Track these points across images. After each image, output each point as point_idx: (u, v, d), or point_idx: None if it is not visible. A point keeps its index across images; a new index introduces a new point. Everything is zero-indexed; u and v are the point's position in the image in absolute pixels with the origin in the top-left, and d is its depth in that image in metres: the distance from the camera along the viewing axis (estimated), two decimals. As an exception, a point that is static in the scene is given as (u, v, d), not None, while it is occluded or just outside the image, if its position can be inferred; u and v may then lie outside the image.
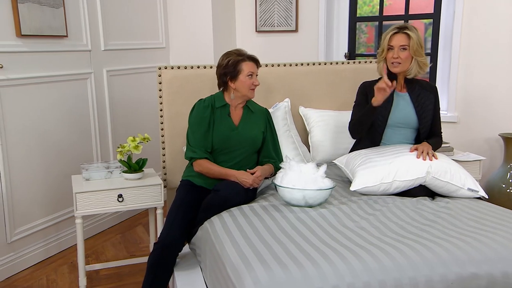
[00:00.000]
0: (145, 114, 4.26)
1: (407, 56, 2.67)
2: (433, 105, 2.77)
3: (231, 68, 2.59)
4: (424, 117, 2.73)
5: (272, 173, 2.66)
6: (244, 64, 2.59)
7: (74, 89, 3.57)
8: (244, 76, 2.58)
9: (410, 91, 2.78)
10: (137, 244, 3.64)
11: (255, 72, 2.61)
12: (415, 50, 2.65)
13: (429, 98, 2.77)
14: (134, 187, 2.78)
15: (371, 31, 5.72)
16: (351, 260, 1.67)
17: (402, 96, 2.78)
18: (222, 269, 1.82)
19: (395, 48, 2.67)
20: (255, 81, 2.61)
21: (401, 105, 2.75)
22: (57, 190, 3.48)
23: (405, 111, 2.74)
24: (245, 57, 2.60)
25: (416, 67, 2.70)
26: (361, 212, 2.17)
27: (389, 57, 2.70)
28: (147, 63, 4.27)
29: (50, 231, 3.44)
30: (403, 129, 2.76)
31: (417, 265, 1.68)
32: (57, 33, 3.39)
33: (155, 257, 2.38)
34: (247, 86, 2.59)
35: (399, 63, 2.67)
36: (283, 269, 1.64)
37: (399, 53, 2.66)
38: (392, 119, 2.74)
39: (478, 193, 2.43)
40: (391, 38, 2.68)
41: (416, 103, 2.75)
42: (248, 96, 2.63)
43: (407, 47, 2.66)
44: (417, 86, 2.79)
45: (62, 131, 3.48)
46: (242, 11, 4.72)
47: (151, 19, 4.31)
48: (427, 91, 2.78)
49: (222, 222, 2.17)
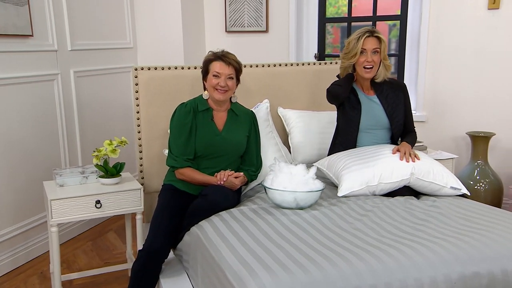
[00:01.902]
0: (114, 117, 4.13)
1: (378, 59, 2.69)
2: (402, 104, 2.78)
3: (204, 67, 2.59)
4: (395, 117, 2.75)
5: (244, 183, 2.60)
6: (213, 64, 2.54)
7: (40, 91, 3.41)
8: (211, 75, 2.54)
9: (379, 93, 2.79)
10: (110, 251, 3.51)
11: (223, 72, 2.51)
12: (385, 54, 2.70)
13: (398, 97, 2.78)
14: (113, 192, 2.68)
15: (336, 32, 5.79)
16: (356, 263, 1.66)
17: (371, 98, 2.79)
18: (221, 275, 1.77)
19: (368, 52, 2.66)
20: (220, 81, 2.51)
21: (370, 109, 2.76)
22: (25, 196, 3.32)
23: (375, 114, 2.75)
24: (216, 57, 2.55)
25: (383, 71, 2.74)
26: (353, 213, 2.17)
27: (361, 62, 2.68)
28: (114, 63, 4.14)
29: (17, 240, 3.27)
30: (376, 131, 2.78)
31: (421, 266, 1.68)
32: (22, 32, 3.23)
33: (140, 264, 2.30)
34: (211, 86, 2.54)
35: (371, 67, 2.68)
36: (288, 274, 1.61)
37: (372, 57, 2.66)
38: (364, 123, 2.75)
39: (460, 190, 2.47)
40: (364, 42, 2.65)
41: (385, 104, 2.75)
42: (213, 97, 2.55)
43: (378, 50, 2.67)
44: (385, 86, 2.80)
45: (28, 135, 3.32)
46: (211, 11, 4.66)
47: (118, 18, 4.19)
48: (395, 89, 2.80)
49: (214, 226, 2.11)
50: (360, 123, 2.74)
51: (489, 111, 4.00)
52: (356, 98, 2.76)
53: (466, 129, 4.02)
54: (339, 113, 2.86)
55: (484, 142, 3.81)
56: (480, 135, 3.82)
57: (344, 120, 2.81)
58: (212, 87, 2.53)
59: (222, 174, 2.45)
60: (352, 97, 2.77)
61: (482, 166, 3.82)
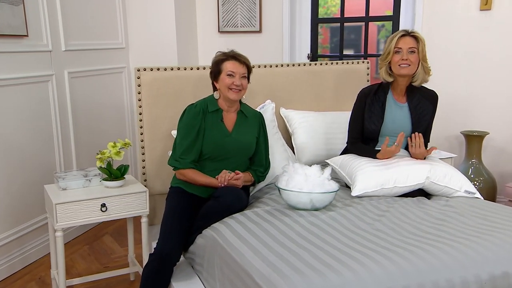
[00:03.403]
0: (107, 118, 4.06)
1: (416, 59, 2.56)
2: (429, 115, 2.71)
3: (215, 67, 2.54)
4: (419, 126, 2.67)
5: (249, 182, 2.58)
6: (226, 63, 2.50)
7: (35, 93, 3.32)
8: (224, 75, 2.49)
9: (410, 101, 2.68)
10: (108, 255, 3.45)
11: (237, 72, 2.48)
12: (424, 55, 2.58)
13: (427, 108, 2.69)
14: (118, 195, 2.63)
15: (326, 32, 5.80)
16: (386, 264, 1.66)
17: (401, 107, 2.69)
18: (247, 279, 1.74)
19: (403, 51, 2.56)
20: (235, 80, 2.48)
21: (397, 117, 2.67)
22: (20, 201, 3.23)
23: (401, 122, 2.67)
24: (229, 56, 2.52)
25: (422, 73, 2.61)
26: (370, 214, 2.17)
27: (395, 60, 2.57)
28: (106, 64, 4.06)
29: (13, 246, 3.18)
30: (396, 138, 2.68)
31: (451, 266, 1.69)
32: (17, 32, 3.15)
33: (153, 268, 2.27)
34: (225, 85, 2.49)
35: (408, 65, 2.56)
36: (320, 276, 1.60)
37: (408, 56, 2.55)
38: (385, 129, 2.68)
39: (474, 195, 2.48)
40: (398, 41, 2.57)
41: (414, 113, 2.66)
42: (228, 97, 2.50)
43: (415, 49, 2.56)
44: (418, 94, 2.69)
45: (23, 138, 3.23)
46: (203, 11, 4.62)
47: (110, 18, 4.11)
48: (427, 100, 2.69)
49: (231, 229, 2.09)
50: (381, 129, 2.67)
51: (481, 111, 4.07)
52: (382, 108, 2.67)
53: (459, 128, 4.08)
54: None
55: (478, 141, 3.88)
56: (474, 134, 3.88)
57: (363, 128, 2.73)
58: (226, 87, 2.49)
59: (223, 177, 2.41)
60: (377, 108, 2.67)
61: (476, 165, 3.88)
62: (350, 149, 2.74)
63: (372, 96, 2.67)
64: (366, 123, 2.68)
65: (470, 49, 4.04)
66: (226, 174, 2.40)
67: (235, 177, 2.41)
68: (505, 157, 4.07)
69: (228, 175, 2.39)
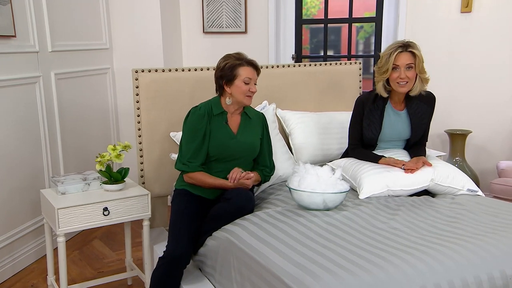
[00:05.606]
0: (94, 120, 3.98)
1: (413, 74, 2.57)
2: (428, 118, 2.74)
3: (228, 72, 2.46)
4: (418, 131, 2.71)
5: (257, 182, 2.58)
6: (241, 69, 2.45)
7: (22, 95, 3.23)
8: (240, 81, 2.44)
9: (408, 108, 2.70)
10: (101, 260, 3.38)
11: (253, 78, 2.47)
12: (421, 68, 2.58)
13: (425, 112, 2.71)
14: (120, 199, 2.58)
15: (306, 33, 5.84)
16: (414, 263, 1.69)
17: (399, 114, 2.71)
18: (272, 279, 1.74)
19: (401, 68, 2.55)
20: (252, 87, 2.46)
21: (395, 123, 2.70)
22: (9, 206, 3.13)
23: (399, 129, 2.71)
24: (243, 62, 2.47)
25: (419, 84, 2.62)
26: (382, 213, 2.21)
27: (394, 77, 2.57)
28: (91, 65, 3.97)
29: (2, 253, 3.08)
30: (394, 142, 2.77)
31: (477, 263, 1.73)
32: (5, 32, 3.05)
33: (164, 272, 2.25)
34: (242, 92, 2.45)
35: (406, 82, 2.57)
36: (352, 275, 1.61)
37: (406, 73, 2.55)
38: (384, 136, 2.72)
39: (477, 193, 2.54)
40: (396, 58, 2.54)
41: (413, 118, 2.69)
42: (243, 102, 2.49)
43: (413, 65, 2.56)
44: (416, 100, 2.70)
45: (10, 142, 3.13)
46: (187, 11, 4.57)
47: (94, 18, 4.03)
48: (425, 103, 2.71)
49: (247, 230, 2.08)
50: (380, 135, 2.70)
51: (463, 110, 4.19)
52: (381, 116, 2.69)
53: (441, 127, 4.19)
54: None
55: (462, 139, 4.00)
56: (458, 132, 4.00)
57: (362, 134, 2.75)
58: (243, 94, 2.45)
59: (235, 174, 2.40)
60: (375, 116, 2.68)
61: (460, 163, 3.99)
62: (351, 154, 2.77)
63: (371, 105, 2.70)
64: (364, 131, 2.71)
65: (451, 50, 4.17)
66: (238, 172, 2.40)
67: (246, 177, 2.41)
68: (485, 155, 4.21)
69: (240, 174, 2.39)
